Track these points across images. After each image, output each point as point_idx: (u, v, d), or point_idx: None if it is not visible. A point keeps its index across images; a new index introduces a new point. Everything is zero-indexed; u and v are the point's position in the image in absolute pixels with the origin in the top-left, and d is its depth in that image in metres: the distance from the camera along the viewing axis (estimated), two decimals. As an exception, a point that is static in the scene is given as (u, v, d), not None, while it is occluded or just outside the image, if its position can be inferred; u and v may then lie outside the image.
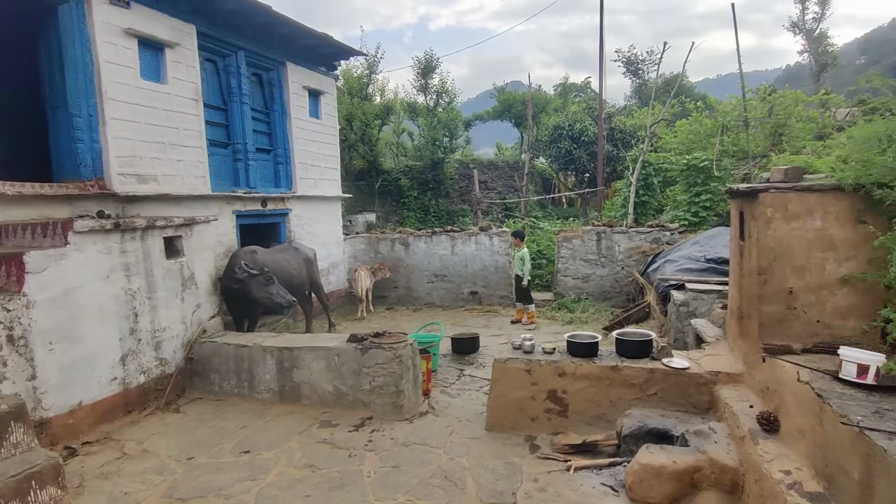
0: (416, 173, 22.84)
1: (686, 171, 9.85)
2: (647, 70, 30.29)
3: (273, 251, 7.71)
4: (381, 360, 5.07)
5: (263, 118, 9.15)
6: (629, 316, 7.61)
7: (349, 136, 22.77)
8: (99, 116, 6.27)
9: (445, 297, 10.45)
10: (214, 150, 8.06)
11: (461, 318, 9.47)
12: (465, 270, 10.30)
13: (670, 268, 7.93)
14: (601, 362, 4.46)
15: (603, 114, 14.30)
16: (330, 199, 10.39)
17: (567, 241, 9.89)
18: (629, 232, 9.62)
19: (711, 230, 8.34)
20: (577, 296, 9.69)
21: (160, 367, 5.57)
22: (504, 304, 10.11)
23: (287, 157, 9.40)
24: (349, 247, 10.98)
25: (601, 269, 9.74)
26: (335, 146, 10.60)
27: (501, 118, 26.19)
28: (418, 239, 10.58)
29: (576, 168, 17.39)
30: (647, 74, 30.38)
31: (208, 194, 7.61)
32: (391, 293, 10.76)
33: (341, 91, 23.44)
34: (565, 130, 16.48)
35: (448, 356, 7.12)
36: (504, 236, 10.13)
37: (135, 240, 5.33)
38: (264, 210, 8.75)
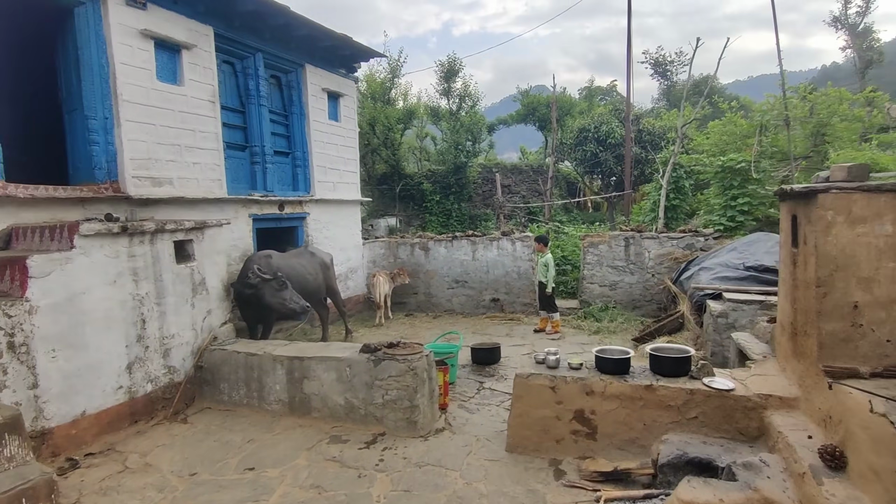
0: (439, 177, 22.59)
1: (721, 174, 9.30)
2: (675, 72, 29.50)
3: (288, 256, 7.50)
4: (394, 373, 4.75)
5: (282, 121, 8.98)
6: (661, 327, 7.13)
7: (372, 141, 22.70)
8: (114, 119, 6.15)
9: (466, 304, 10.10)
10: (231, 153, 7.91)
11: (482, 327, 9.10)
12: (487, 277, 9.93)
13: (706, 276, 7.42)
14: (634, 381, 4.04)
15: (630, 115, 13.78)
16: (349, 202, 10.17)
17: (593, 247, 9.43)
18: (660, 237, 9.12)
19: (750, 236, 7.80)
20: (604, 304, 9.23)
21: (168, 376, 5.37)
22: (527, 311, 9.71)
23: (305, 160, 9.21)
24: (368, 251, 10.74)
25: (630, 277, 9.25)
26: (354, 149, 10.39)
27: (525, 122, 25.78)
28: (438, 244, 10.27)
29: (602, 171, 16.86)
30: (675, 76, 29.58)
31: (224, 197, 7.45)
32: (410, 299, 10.46)
33: (364, 95, 23.42)
34: (591, 133, 15.99)
35: (467, 367, 6.76)
36: (527, 241, 9.73)
37: (143, 244, 5.15)
38: (281, 214, 8.57)
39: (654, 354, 4.16)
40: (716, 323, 6.38)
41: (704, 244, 8.90)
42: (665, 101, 28.83)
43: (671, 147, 12.22)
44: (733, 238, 8.86)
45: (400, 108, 23.65)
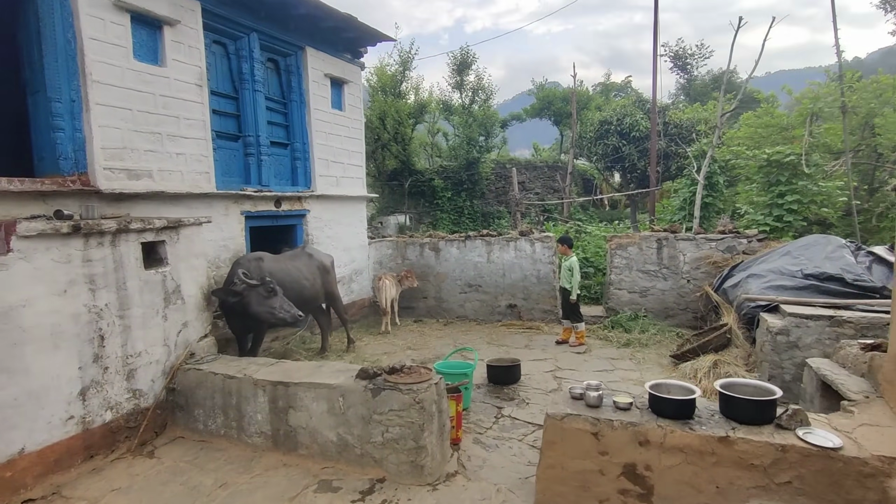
0: (451, 173, 21.67)
1: (766, 168, 8.27)
2: (696, 65, 28.23)
3: (282, 258, 6.64)
4: (396, 406, 3.86)
5: (280, 109, 8.12)
6: (706, 343, 6.16)
7: (382, 136, 21.84)
8: (82, 101, 5.33)
9: (480, 310, 9.19)
10: (222, 143, 7.07)
11: (498, 336, 8.19)
12: (503, 280, 9.01)
13: (756, 284, 6.44)
14: (702, 429, 3.11)
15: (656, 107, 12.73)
16: (353, 198, 9.30)
17: (621, 249, 8.46)
18: (696, 239, 8.12)
19: (805, 238, 6.79)
20: (633, 312, 8.26)
21: (133, 401, 4.53)
22: (547, 319, 8.77)
23: (305, 152, 8.35)
24: (374, 252, 9.87)
25: (662, 282, 8.27)
26: (360, 141, 9.51)
27: (540, 116, 24.75)
28: (450, 244, 9.37)
29: (623, 167, 15.80)
30: (696, 69, 28.32)
31: (213, 192, 6.61)
32: (419, 304, 9.58)
33: (374, 89, 22.55)
34: (613, 125, 14.94)
35: (483, 387, 5.86)
36: (548, 242, 8.79)
37: (103, 246, 4.31)
38: (278, 211, 7.71)
39: (726, 394, 3.22)
40: (774, 341, 5.41)
41: (747, 247, 7.90)
42: (685, 95, 27.58)
43: (703, 140, 11.19)
44: (780, 240, 7.85)
45: (411, 103, 22.74)
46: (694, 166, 9.89)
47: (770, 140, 11.04)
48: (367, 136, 21.52)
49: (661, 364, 6.62)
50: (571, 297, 7.37)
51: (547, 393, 5.71)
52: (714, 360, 5.90)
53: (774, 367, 5.43)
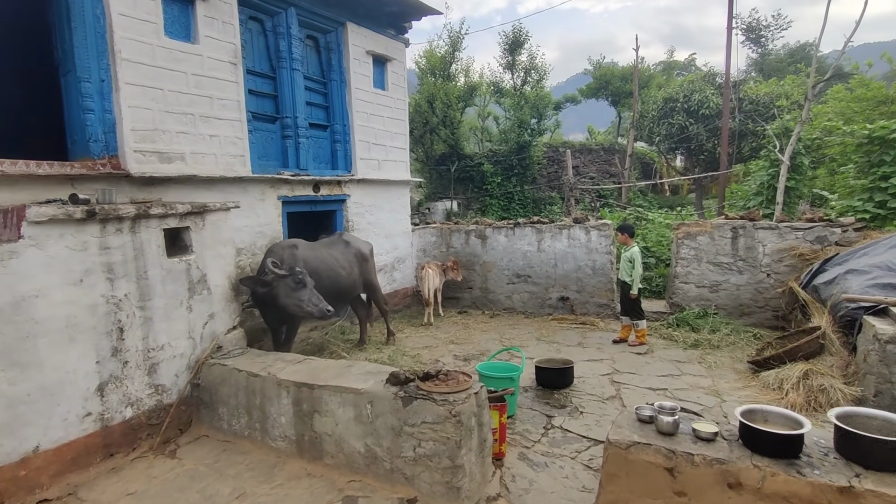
0: (501, 158, 20.88)
1: (866, 147, 7.09)
2: (772, 37, 25.82)
3: (318, 245, 6.26)
4: (430, 419, 3.35)
5: (319, 89, 7.72)
6: (795, 349, 5.26)
7: (430, 119, 21.33)
8: (112, 81, 5.09)
9: (529, 303, 8.54)
10: (258, 125, 6.74)
11: (548, 332, 7.53)
12: (555, 271, 8.31)
13: (857, 281, 5.45)
14: (816, 475, 2.40)
15: (730, 81, 11.44)
16: (396, 183, 8.83)
17: (690, 239, 7.55)
18: (780, 228, 7.09)
19: (920, 228, 5.70)
20: (701, 309, 7.36)
21: (156, 397, 4.27)
22: (603, 314, 8.01)
23: (346, 135, 7.93)
24: (418, 239, 9.40)
25: (737, 276, 7.31)
26: (404, 122, 9.00)
27: (597, 97, 23.38)
28: (498, 231, 8.74)
29: (689, 148, 14.48)
30: (772, 42, 25.91)
31: (248, 176, 6.30)
32: (464, 294, 9.04)
33: (423, 71, 22.01)
34: (680, 103, 13.67)
35: (531, 391, 5.27)
36: (605, 230, 7.99)
37: (122, 232, 4.02)
38: (317, 196, 7.35)
39: (846, 430, 2.48)
40: (883, 351, 4.49)
41: (842, 237, 6.81)
42: (757, 72, 25.27)
43: (786, 116, 9.92)
44: (882, 230, 6.71)
45: (461, 85, 22.05)
46: (776, 146, 8.72)
47: (863, 116, 9.63)
48: (416, 119, 21.14)
49: (737, 370, 5.78)
50: (632, 292, 6.60)
51: (604, 401, 5.04)
52: (804, 369, 5.02)
53: (882, 381, 4.52)
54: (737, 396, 5.09)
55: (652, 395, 5.19)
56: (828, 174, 10.68)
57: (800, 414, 4.78)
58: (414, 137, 21.18)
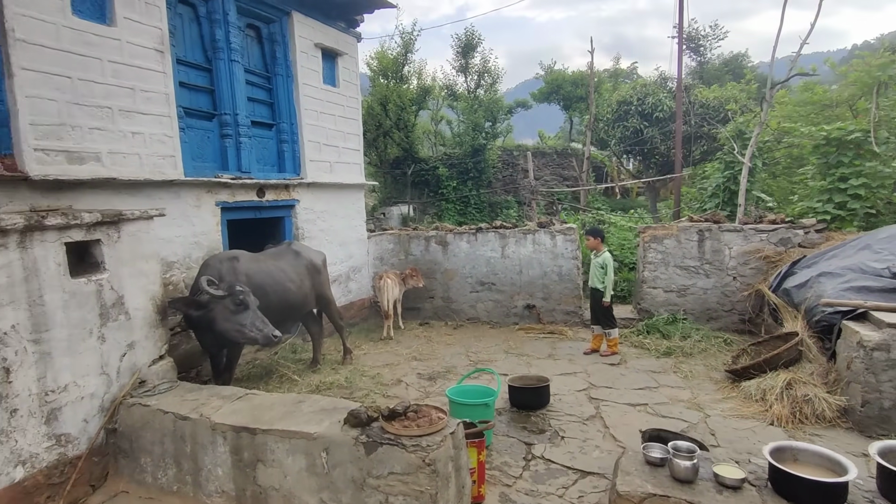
0: (456, 161, 20.45)
1: (824, 148, 7.07)
2: (709, 47, 26.83)
3: (263, 257, 5.53)
4: (398, 469, 2.76)
5: (263, 83, 6.97)
6: (774, 357, 5.02)
7: (384, 122, 20.64)
8: (4, 65, 4.20)
9: (494, 312, 8.07)
10: (192, 123, 5.94)
11: (516, 343, 7.07)
12: (520, 278, 7.88)
13: (830, 284, 5.29)
14: (870, 530, 2.00)
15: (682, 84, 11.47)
16: (350, 187, 8.15)
17: (656, 242, 7.31)
18: (744, 230, 6.96)
19: (888, 229, 5.63)
20: (670, 314, 7.13)
21: (57, 449, 3.44)
22: (571, 322, 7.65)
23: (294, 134, 7.20)
24: (374, 246, 8.75)
25: (704, 280, 7.12)
26: (357, 122, 8.35)
27: (549, 101, 23.41)
28: (459, 237, 8.23)
29: (644, 151, 14.52)
30: (710, 51, 26.92)
31: (180, 180, 5.49)
32: (426, 304, 8.47)
33: (375, 73, 21.29)
34: (634, 105, 13.67)
35: (505, 413, 4.76)
36: (571, 234, 7.64)
37: (6, 249, 3.19)
38: (261, 201, 6.59)
39: (891, 471, 2.09)
40: (870, 358, 4.29)
41: (805, 239, 6.74)
42: (698, 79, 26.16)
43: (739, 118, 9.98)
44: (843, 231, 6.69)
45: (414, 88, 21.50)
46: (734, 148, 8.69)
47: (808, 120, 9.82)
48: (368, 123, 20.37)
49: (714, 380, 5.51)
50: (605, 300, 6.25)
51: (584, 421, 4.60)
52: (787, 378, 4.77)
53: (870, 390, 4.31)
54: (719, 410, 4.78)
55: (633, 412, 4.80)
56: (769, 177, 10.86)
57: (788, 428, 4.57)
58: (367, 141, 20.41)
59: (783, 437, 4.27)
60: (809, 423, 4.46)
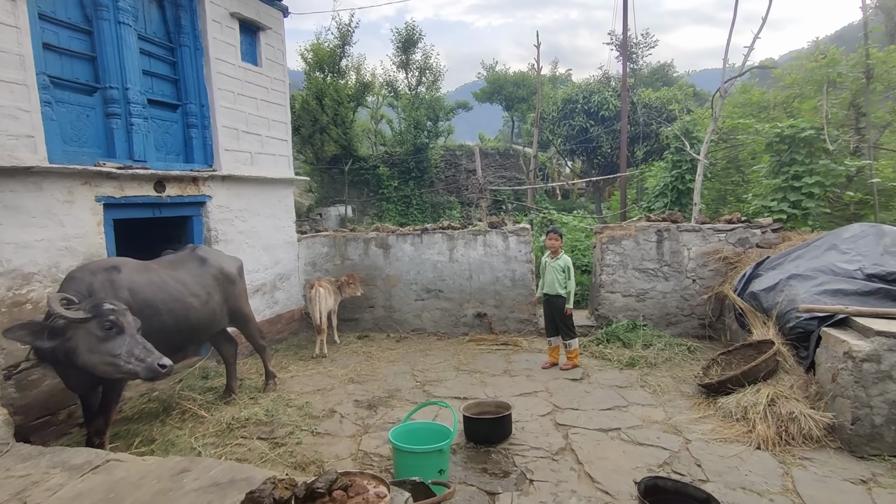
0: (397, 160, 19.52)
1: (777, 145, 6.81)
2: (641, 55, 27.52)
3: (157, 266, 4.35)
4: (320, 586, 1.83)
5: (164, 55, 5.73)
6: (752, 370, 4.50)
7: (320, 118, 19.35)
8: None
9: (442, 322, 7.23)
10: (64, 96, 4.65)
11: (467, 357, 6.26)
12: (470, 284, 7.09)
13: (803, 287, 4.87)
14: None
15: (627, 83, 11.17)
16: (276, 182, 7.03)
17: (614, 243, 6.75)
18: (703, 230, 6.54)
19: (850, 229, 5.32)
20: (630, 321, 6.59)
21: None
22: (525, 331, 6.95)
23: (205, 118, 6.01)
24: (306, 250, 7.65)
25: (663, 283, 6.65)
26: (284, 108, 7.23)
27: (491, 101, 22.98)
28: (403, 239, 7.32)
29: (588, 150, 14.22)
30: (641, 59, 27.62)
31: (42, 167, 4.21)
32: (365, 315, 7.48)
33: (310, 66, 19.93)
34: (579, 104, 13.31)
35: (461, 451, 3.91)
36: (524, 236, 6.94)
37: None
38: (161, 197, 5.36)
39: None
40: (859, 370, 3.83)
41: (762, 239, 6.41)
42: (631, 85, 26.76)
43: (686, 117, 9.76)
44: (798, 231, 6.41)
45: (352, 83, 20.31)
46: (687, 145, 8.37)
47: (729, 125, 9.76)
48: (304, 118, 18.97)
49: (686, 395, 4.95)
50: (568, 306, 5.56)
51: (553, 456, 3.84)
52: (770, 393, 4.26)
53: (860, 405, 3.85)
54: (699, 432, 4.19)
55: (606, 440, 4.11)
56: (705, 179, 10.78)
57: (776, 452, 4.04)
58: (302, 137, 19.05)
59: (773, 464, 3.72)
60: (797, 445, 3.95)
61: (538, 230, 9.84)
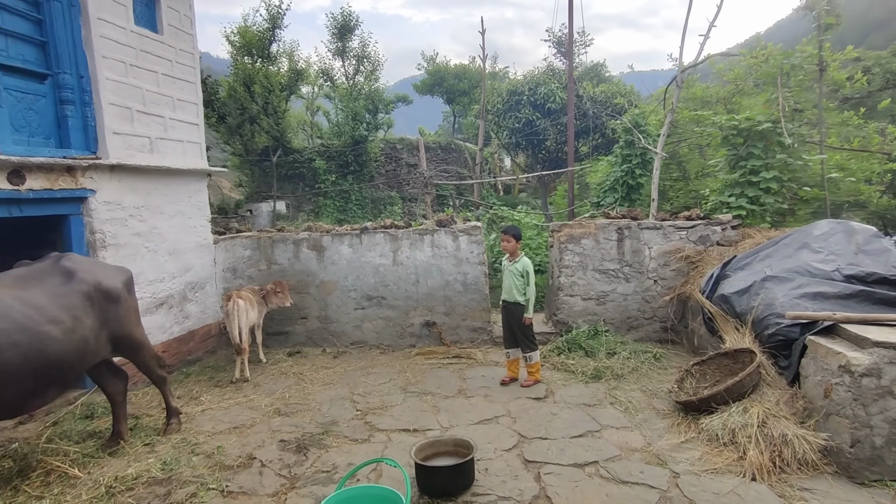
0: (334, 153, 18.25)
1: (734, 138, 6.48)
2: (577, 52, 27.67)
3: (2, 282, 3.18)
4: None
5: (24, 10, 4.42)
6: (737, 386, 4.00)
7: (249, 106, 17.71)
8: None
9: (385, 333, 6.34)
10: None
11: (416, 374, 5.43)
12: (417, 290, 6.25)
13: (781, 290, 4.45)
14: None
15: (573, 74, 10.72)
16: (184, 173, 5.83)
17: (573, 243, 6.16)
18: (664, 227, 6.08)
19: (818, 226, 4.97)
20: (591, 326, 6.02)
21: None
22: (479, 341, 6.21)
23: (85, 93, 4.74)
24: (225, 254, 6.48)
25: (624, 285, 6.13)
26: (195, 86, 6.02)
27: (432, 93, 22.10)
28: (339, 240, 6.35)
29: (533, 144, 13.72)
30: (577, 56, 27.78)
31: None
32: (297, 327, 6.45)
33: (238, 50, 18.19)
34: (525, 96, 12.75)
35: (414, 510, 3.09)
36: (476, 235, 6.19)
37: None
38: (18, 191, 4.10)
39: None
40: (858, 386, 3.38)
41: (723, 236, 6.05)
42: (569, 82, 26.87)
43: (635, 109, 9.40)
44: (757, 228, 6.10)
45: (284, 70, 18.75)
46: (641, 139, 7.97)
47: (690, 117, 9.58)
48: (230, 106, 17.26)
49: (661, 412, 4.40)
50: (527, 315, 4.86)
51: (528, 509, 3.11)
52: (759, 413, 3.76)
53: (859, 425, 3.40)
54: (686, 462, 3.61)
55: (584, 478, 3.43)
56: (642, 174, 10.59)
57: (773, 483, 3.53)
58: (229, 126, 17.32)
59: (773, 500, 3.19)
60: (793, 472, 3.46)
61: (487, 227, 9.17)
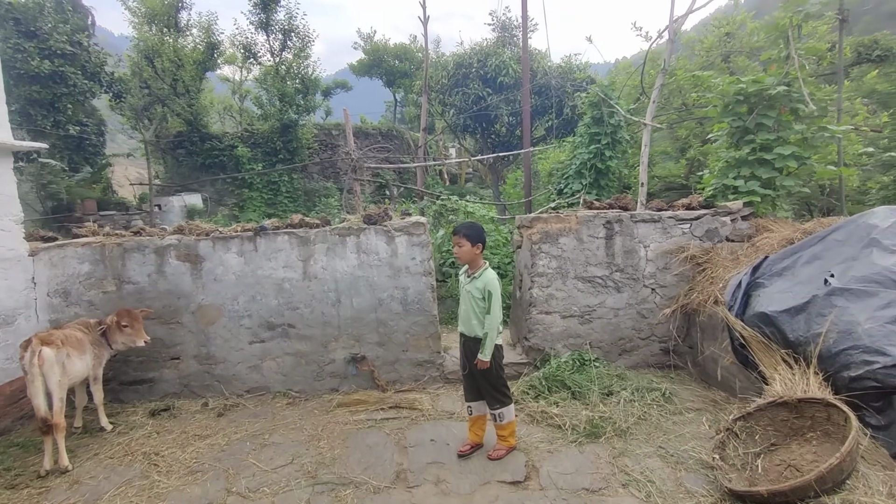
0: (260, 140, 15.83)
1: (737, 105, 5.03)
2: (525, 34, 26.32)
3: None
4: None
5: None
6: (833, 472, 2.50)
7: (156, 85, 14.98)
8: None
9: (295, 374, 4.44)
10: None
11: (334, 440, 3.59)
12: (338, 312, 4.39)
13: (864, 311, 2.99)
14: None
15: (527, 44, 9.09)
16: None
17: (549, 242, 4.51)
18: (663, 219, 4.56)
19: (875, 214, 3.54)
20: (575, 353, 4.42)
21: None
22: (426, 379, 4.45)
23: None
24: (49, 271, 4.31)
25: (615, 296, 4.56)
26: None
27: (370, 74, 19.89)
28: (224, 246, 4.35)
29: (482, 126, 12.00)
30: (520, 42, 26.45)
31: None
32: (166, 372, 4.40)
33: (140, 19, 15.30)
34: (474, 69, 10.98)
35: None
36: (419, 234, 4.40)
37: None
38: None
39: None
40: None
41: (733, 230, 4.61)
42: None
43: (603, 80, 7.89)
44: (773, 218, 4.71)
45: (198, 44, 15.99)
46: (621, 112, 6.45)
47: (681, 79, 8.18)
48: (132, 83, 14.40)
49: (697, 497, 2.83)
50: (482, 357, 3.15)
51: None
52: None
53: None
54: None
55: None
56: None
57: None
58: (134, 109, 14.47)
59: None
60: None
61: (434, 223, 7.41)
